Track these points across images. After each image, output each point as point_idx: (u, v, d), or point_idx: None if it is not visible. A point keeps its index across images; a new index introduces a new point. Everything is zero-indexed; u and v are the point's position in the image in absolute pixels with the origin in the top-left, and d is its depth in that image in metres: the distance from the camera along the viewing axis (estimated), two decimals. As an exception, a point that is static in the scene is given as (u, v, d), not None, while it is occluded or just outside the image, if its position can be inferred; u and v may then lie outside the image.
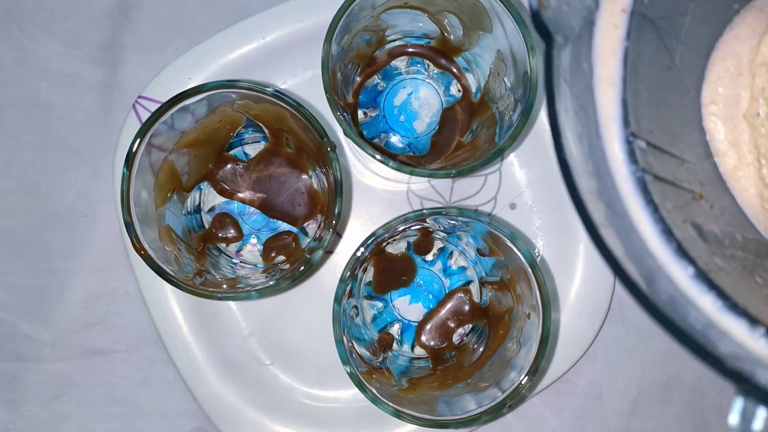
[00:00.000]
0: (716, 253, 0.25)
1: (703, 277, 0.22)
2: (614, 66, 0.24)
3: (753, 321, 0.22)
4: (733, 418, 0.19)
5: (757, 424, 0.19)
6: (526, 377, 0.35)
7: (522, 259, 0.36)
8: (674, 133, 0.29)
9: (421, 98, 0.45)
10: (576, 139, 0.23)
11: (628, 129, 0.24)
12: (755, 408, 0.19)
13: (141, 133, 0.35)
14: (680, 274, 0.22)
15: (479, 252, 0.43)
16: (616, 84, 0.24)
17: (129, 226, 0.35)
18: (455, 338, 0.44)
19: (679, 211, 0.25)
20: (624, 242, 0.23)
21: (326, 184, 0.41)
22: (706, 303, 0.22)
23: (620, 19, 0.25)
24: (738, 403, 0.19)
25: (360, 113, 0.45)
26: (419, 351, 0.44)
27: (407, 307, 0.45)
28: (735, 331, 0.22)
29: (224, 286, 0.38)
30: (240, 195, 0.44)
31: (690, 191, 0.27)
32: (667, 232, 0.23)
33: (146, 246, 0.36)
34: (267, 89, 0.36)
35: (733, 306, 0.22)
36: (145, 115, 0.42)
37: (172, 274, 0.36)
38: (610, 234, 0.22)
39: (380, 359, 0.42)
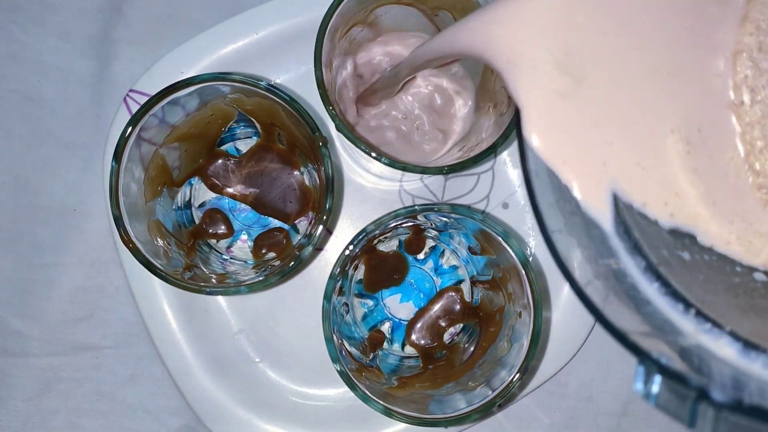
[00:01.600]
0: (686, 248, 0.27)
1: (653, 270, 0.26)
2: None
3: (687, 304, 0.25)
4: (638, 384, 0.23)
5: (655, 387, 0.23)
6: (517, 376, 0.35)
7: (514, 257, 0.36)
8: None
9: (414, 96, 0.45)
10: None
11: None
12: (653, 375, 0.23)
13: (130, 126, 0.35)
14: (634, 268, 0.26)
15: (471, 250, 0.42)
16: None
17: (117, 219, 0.35)
18: (446, 337, 0.44)
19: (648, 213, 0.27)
20: (582, 240, 0.26)
21: (318, 181, 0.41)
22: (652, 290, 0.26)
23: None
24: (640, 371, 0.24)
25: (353, 110, 0.45)
26: (409, 350, 0.44)
27: (398, 305, 0.45)
28: (668, 312, 0.25)
29: (213, 281, 0.38)
30: (231, 191, 0.43)
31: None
32: (627, 233, 0.26)
33: (135, 239, 0.35)
34: (260, 83, 0.36)
35: (674, 292, 0.25)
36: (136, 109, 0.41)
37: (161, 267, 0.36)
38: (564, 239, 0.25)
39: (370, 357, 0.41)
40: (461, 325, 0.44)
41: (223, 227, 0.44)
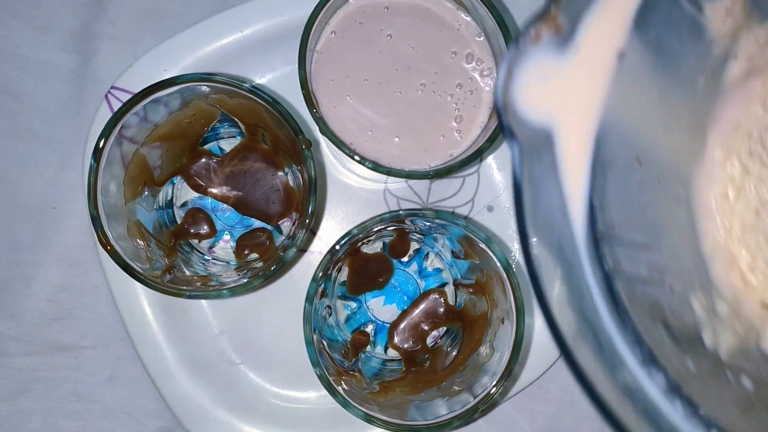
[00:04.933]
0: (688, 353, 0.25)
1: (672, 385, 0.23)
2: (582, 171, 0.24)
3: (709, 425, 0.23)
4: None
5: None
6: (499, 383, 0.35)
7: (497, 263, 0.36)
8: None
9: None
10: (545, 243, 0.23)
11: (596, 227, 0.24)
12: None
13: (111, 125, 0.35)
14: (650, 386, 0.23)
15: (455, 254, 0.42)
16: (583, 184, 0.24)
17: (95, 219, 0.34)
18: (429, 340, 0.44)
19: (650, 311, 0.25)
20: (596, 351, 0.23)
21: (302, 182, 0.40)
22: (670, 409, 0.23)
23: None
24: None
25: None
26: (392, 353, 0.44)
27: (381, 308, 0.44)
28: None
29: (198, 283, 0.37)
30: (214, 191, 0.43)
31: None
32: (639, 343, 0.23)
33: (113, 241, 0.35)
34: (243, 84, 0.35)
35: (696, 413, 0.23)
36: (117, 106, 0.41)
37: (140, 270, 0.35)
38: (582, 348, 0.22)
39: (352, 362, 0.41)
40: (444, 328, 0.44)
41: (205, 227, 0.43)
